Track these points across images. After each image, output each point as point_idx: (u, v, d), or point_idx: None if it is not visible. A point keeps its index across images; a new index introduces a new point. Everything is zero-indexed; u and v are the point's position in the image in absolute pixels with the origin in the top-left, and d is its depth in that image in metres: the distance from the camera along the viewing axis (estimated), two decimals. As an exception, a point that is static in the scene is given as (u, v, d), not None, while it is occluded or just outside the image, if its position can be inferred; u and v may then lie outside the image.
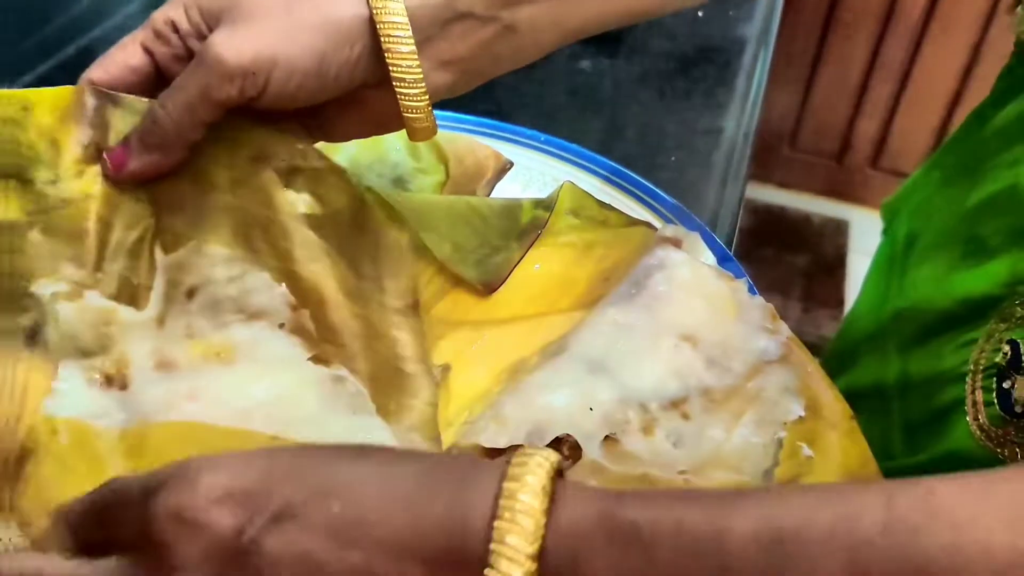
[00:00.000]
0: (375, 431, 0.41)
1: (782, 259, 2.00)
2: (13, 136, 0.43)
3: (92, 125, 0.44)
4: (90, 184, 0.44)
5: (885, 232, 0.67)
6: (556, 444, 0.42)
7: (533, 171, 0.60)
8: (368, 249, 0.48)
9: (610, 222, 0.56)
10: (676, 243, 0.52)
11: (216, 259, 0.45)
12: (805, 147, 2.08)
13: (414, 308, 0.48)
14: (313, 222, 0.46)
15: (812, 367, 0.47)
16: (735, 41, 0.82)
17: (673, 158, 0.68)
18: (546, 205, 0.55)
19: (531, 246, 0.54)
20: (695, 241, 0.52)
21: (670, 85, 0.76)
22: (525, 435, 0.41)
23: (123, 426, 0.40)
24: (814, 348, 0.50)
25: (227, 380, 0.42)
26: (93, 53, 0.45)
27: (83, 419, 0.41)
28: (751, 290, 0.51)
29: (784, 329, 0.48)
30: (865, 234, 2.04)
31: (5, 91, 0.44)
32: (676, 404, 0.44)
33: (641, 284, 0.49)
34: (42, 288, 0.44)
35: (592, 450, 0.41)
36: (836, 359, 0.63)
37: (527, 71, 0.63)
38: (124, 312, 0.45)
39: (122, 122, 0.44)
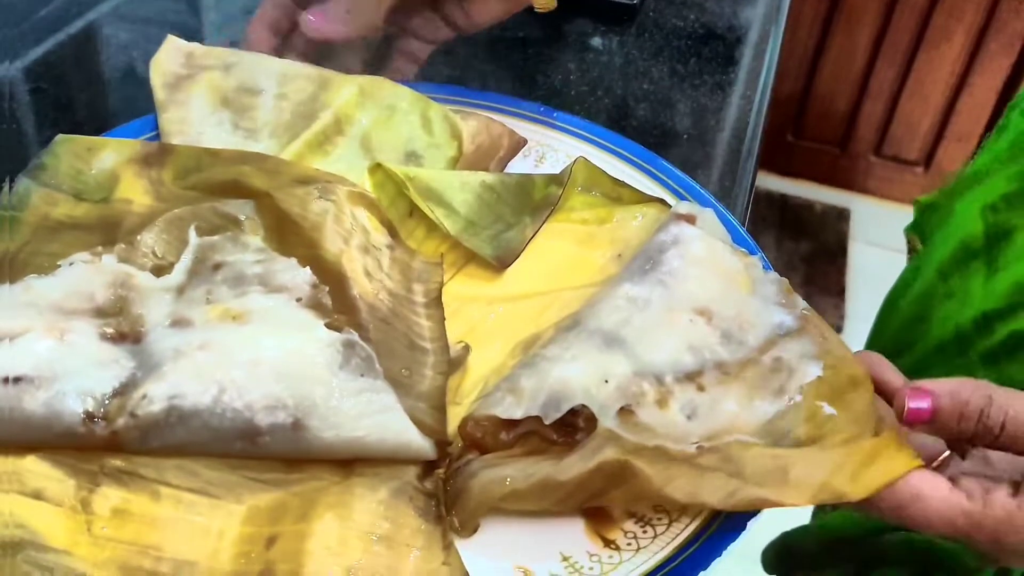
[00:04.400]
0: (381, 394, 0.40)
1: (784, 246, 2.00)
2: (78, 168, 0.50)
3: (148, 165, 0.51)
4: (138, 195, 0.50)
5: (917, 230, 0.64)
6: (572, 415, 0.41)
7: (546, 147, 0.59)
8: (396, 256, 0.49)
9: (623, 198, 0.55)
10: (690, 219, 0.51)
11: (248, 246, 0.47)
12: (808, 134, 2.07)
13: (437, 300, 0.48)
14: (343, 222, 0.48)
15: (829, 334, 0.47)
16: (746, 20, 0.81)
17: (685, 136, 0.68)
18: (559, 181, 0.54)
19: (544, 222, 0.54)
20: (709, 218, 0.52)
21: (682, 64, 0.75)
22: (541, 406, 0.41)
23: (130, 374, 0.40)
24: None
25: (238, 335, 0.41)
26: (99, 28, 0.46)
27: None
28: (765, 266, 0.50)
29: (799, 302, 0.48)
30: (867, 222, 2.05)
31: (73, 136, 0.51)
32: (691, 377, 0.43)
33: (655, 259, 0.49)
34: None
35: (608, 420, 0.41)
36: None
37: (539, 48, 0.62)
38: (143, 277, 0.45)
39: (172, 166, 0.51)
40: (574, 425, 0.42)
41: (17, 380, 0.39)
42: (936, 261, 0.59)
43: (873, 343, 0.67)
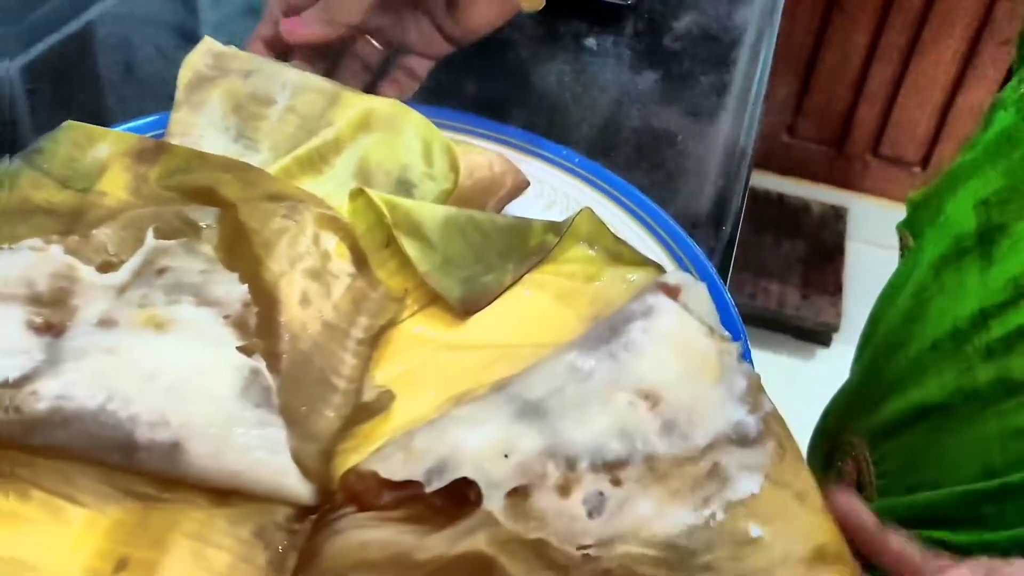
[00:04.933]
0: (269, 428, 0.39)
1: (781, 246, 2.02)
2: (73, 156, 0.50)
3: (140, 161, 0.50)
4: (116, 189, 0.49)
5: (909, 227, 0.62)
6: (464, 486, 0.38)
7: (558, 192, 0.56)
8: (351, 287, 0.47)
9: (622, 258, 0.51)
10: (673, 291, 0.47)
11: (199, 255, 0.46)
12: (805, 134, 2.06)
13: (374, 339, 0.46)
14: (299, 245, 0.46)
15: (789, 445, 0.41)
16: (742, 20, 0.80)
17: (680, 137, 0.66)
18: (558, 230, 0.51)
19: (527, 271, 0.50)
20: (698, 292, 0.47)
21: (677, 65, 0.74)
22: (425, 471, 0.38)
23: (34, 367, 0.40)
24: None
25: (150, 344, 0.40)
26: (97, 28, 0.47)
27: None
28: (745, 355, 0.45)
29: (766, 404, 0.43)
30: (864, 222, 2.05)
31: (80, 124, 0.51)
32: (611, 467, 0.39)
33: (617, 329, 0.44)
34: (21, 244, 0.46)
35: (493, 500, 0.37)
36: (885, 379, 0.56)
37: (532, 48, 0.60)
38: (86, 271, 0.45)
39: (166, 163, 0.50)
40: (465, 497, 0.38)
41: None
42: (929, 257, 0.57)
43: (867, 342, 0.65)
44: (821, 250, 2.02)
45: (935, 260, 0.55)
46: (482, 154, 0.54)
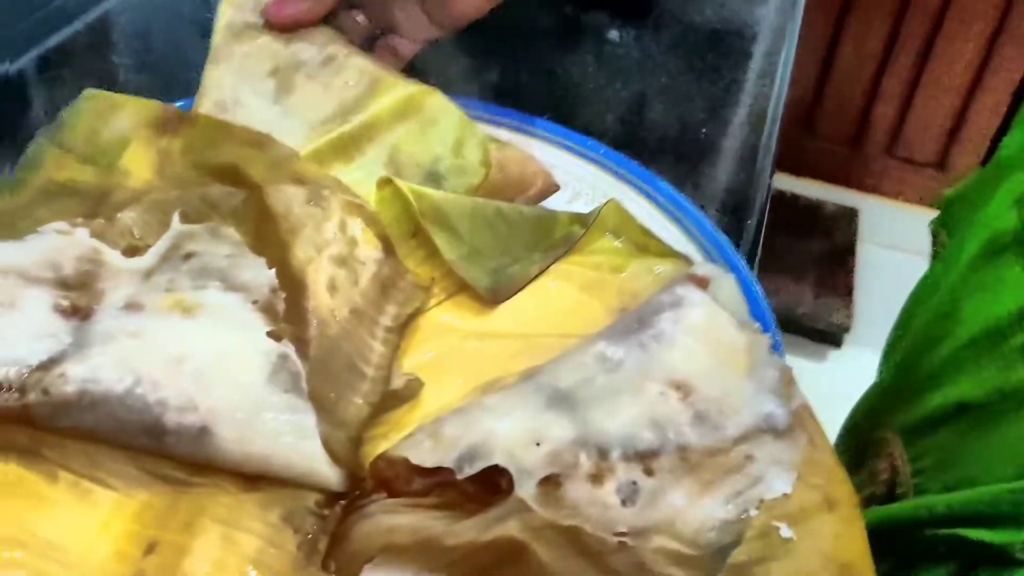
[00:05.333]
0: (299, 414, 0.38)
1: (794, 246, 2.01)
2: (94, 127, 0.49)
3: (162, 132, 0.50)
4: (140, 168, 0.49)
5: (943, 224, 0.62)
6: (495, 474, 0.38)
7: (584, 183, 0.55)
8: (379, 275, 0.47)
9: (650, 249, 0.51)
10: (703, 282, 0.46)
11: (225, 239, 0.45)
12: (820, 133, 2.06)
13: (402, 327, 0.45)
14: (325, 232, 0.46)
15: (821, 441, 0.41)
16: (763, 16, 0.80)
17: (703, 132, 0.65)
18: (584, 222, 0.51)
19: (553, 262, 0.50)
20: (728, 284, 0.47)
21: (700, 58, 0.74)
22: (456, 458, 0.37)
23: (62, 350, 0.39)
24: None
25: (175, 328, 0.40)
26: (114, 18, 0.47)
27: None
28: (775, 347, 0.45)
29: (799, 396, 0.42)
30: (877, 223, 2.05)
31: (100, 92, 0.51)
32: (643, 457, 0.39)
33: (646, 320, 0.44)
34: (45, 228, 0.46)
35: (525, 487, 0.37)
36: (920, 376, 0.56)
37: (554, 40, 0.60)
38: (112, 255, 0.45)
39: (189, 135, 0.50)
40: (497, 484, 0.38)
41: None
42: (965, 255, 0.56)
43: (899, 339, 0.64)
44: (834, 251, 2.02)
45: (972, 258, 0.55)
46: (515, 152, 0.53)
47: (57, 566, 0.35)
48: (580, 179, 0.56)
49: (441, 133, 0.53)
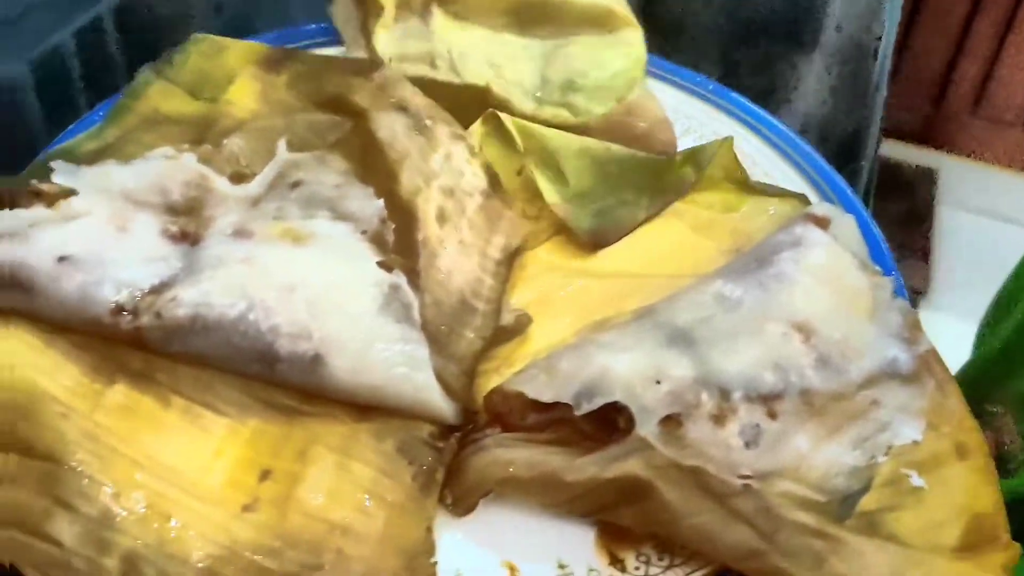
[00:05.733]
0: (412, 344, 0.38)
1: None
2: (201, 67, 0.50)
3: (268, 69, 0.49)
4: (246, 98, 0.48)
5: None
6: (613, 411, 0.37)
7: (693, 120, 0.53)
8: (486, 205, 0.46)
9: (762, 189, 0.49)
10: (823, 223, 0.44)
11: (332, 167, 0.45)
12: (900, 91, 1.95)
13: (510, 259, 0.45)
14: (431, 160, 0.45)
15: (950, 387, 0.39)
16: None
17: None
18: (697, 163, 0.49)
19: (662, 208, 0.48)
20: (847, 225, 0.45)
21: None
22: (574, 394, 0.36)
23: (173, 274, 0.39)
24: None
25: (286, 256, 0.40)
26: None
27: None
28: (898, 291, 0.43)
29: (924, 341, 0.40)
30: (956, 184, 1.96)
31: (207, 35, 0.51)
32: (765, 399, 0.37)
33: (765, 260, 0.42)
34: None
35: (646, 426, 0.36)
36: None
37: None
38: (219, 182, 0.44)
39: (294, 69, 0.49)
40: (613, 422, 0.37)
41: (62, 259, 0.39)
42: None
43: (1006, 308, 0.61)
44: (912, 213, 1.96)
45: None
46: (654, 108, 0.52)
47: (175, 490, 0.35)
48: (689, 116, 0.54)
49: (612, 57, 0.53)
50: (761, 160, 0.51)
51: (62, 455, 0.35)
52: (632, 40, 0.53)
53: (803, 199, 0.48)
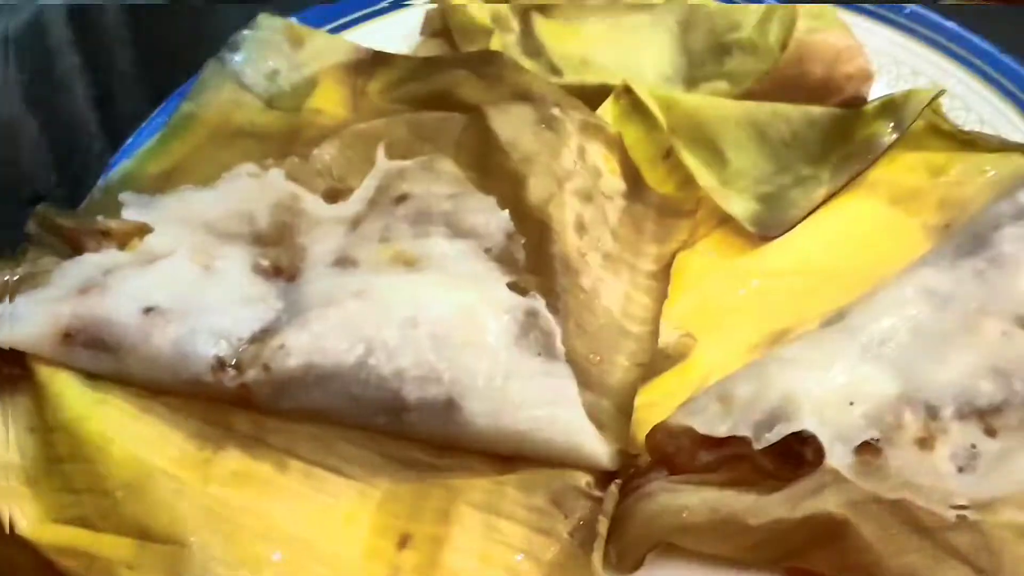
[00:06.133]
0: (558, 379, 0.47)
1: None
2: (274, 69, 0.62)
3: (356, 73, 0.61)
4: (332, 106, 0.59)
5: None
6: (797, 442, 0.45)
7: (885, 56, 0.61)
8: (631, 210, 0.55)
9: (977, 144, 0.57)
10: (1055, 186, 0.51)
11: (442, 175, 0.55)
12: None
13: (666, 271, 0.53)
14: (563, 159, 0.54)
15: None
16: None
17: None
18: (897, 116, 0.56)
19: (851, 179, 0.56)
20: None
21: None
22: (753, 424, 0.45)
23: (275, 317, 0.49)
24: None
25: (403, 285, 0.49)
26: None
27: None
28: None
29: None
30: None
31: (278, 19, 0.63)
32: (983, 414, 0.46)
33: (982, 238, 0.50)
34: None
35: (839, 456, 0.44)
36: None
37: None
38: (312, 202, 0.55)
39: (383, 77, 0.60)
40: (799, 455, 0.45)
41: (148, 310, 0.49)
42: None
43: None
44: None
45: None
46: (830, 43, 0.59)
47: (313, 564, 0.45)
48: (878, 52, 0.61)
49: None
50: (978, 102, 0.58)
51: (182, 535, 0.45)
52: None
53: (1030, 154, 0.55)
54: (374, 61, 0.60)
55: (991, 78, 0.59)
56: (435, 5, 0.66)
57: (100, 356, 0.49)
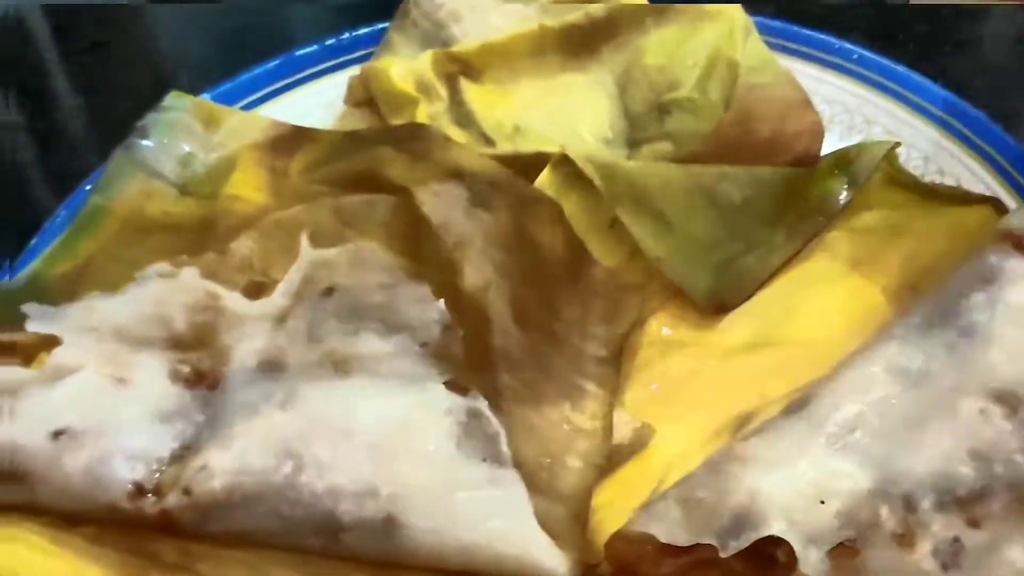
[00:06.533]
0: (506, 488, 0.44)
1: None
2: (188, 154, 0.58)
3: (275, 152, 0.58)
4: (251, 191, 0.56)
5: None
6: (768, 545, 0.43)
7: (837, 106, 0.59)
8: (576, 288, 0.52)
9: (939, 195, 0.54)
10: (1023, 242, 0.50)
11: (372, 263, 0.52)
12: None
13: (617, 355, 0.51)
14: (501, 241, 0.52)
15: None
16: None
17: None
18: (852, 172, 0.54)
19: (807, 243, 0.54)
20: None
21: None
22: (717, 531, 0.42)
23: (195, 432, 0.47)
24: None
25: (334, 391, 0.47)
26: None
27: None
28: None
29: None
30: None
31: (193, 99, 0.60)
32: (963, 503, 0.43)
33: (952, 305, 0.48)
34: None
35: (813, 561, 0.41)
36: None
37: None
38: (232, 299, 0.52)
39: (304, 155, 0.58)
40: (771, 556, 0.43)
41: (58, 434, 0.46)
42: None
43: None
44: None
45: None
46: (778, 98, 0.57)
47: None
48: (829, 100, 0.59)
49: (702, 42, 0.59)
50: (937, 153, 0.56)
51: None
52: (721, 9, 0.58)
53: (996, 206, 0.53)
54: (294, 136, 0.57)
55: (951, 128, 0.57)
56: (358, 72, 0.62)
57: (7, 487, 0.46)
